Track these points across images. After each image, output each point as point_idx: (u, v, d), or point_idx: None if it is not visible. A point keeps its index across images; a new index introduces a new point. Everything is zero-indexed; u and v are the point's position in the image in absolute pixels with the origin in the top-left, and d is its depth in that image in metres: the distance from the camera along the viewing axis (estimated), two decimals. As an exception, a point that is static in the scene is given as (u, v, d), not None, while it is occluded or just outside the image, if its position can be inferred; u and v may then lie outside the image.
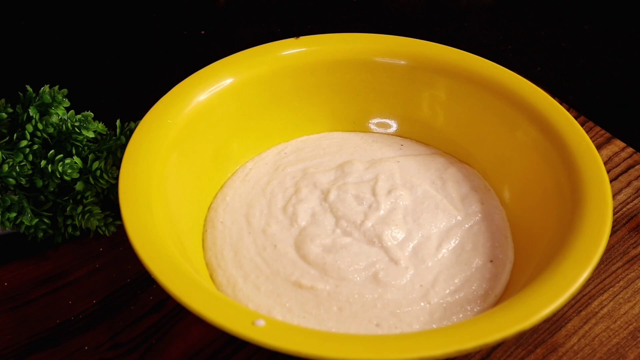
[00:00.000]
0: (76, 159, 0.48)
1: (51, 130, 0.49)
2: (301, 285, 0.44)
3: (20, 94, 0.50)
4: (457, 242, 0.47)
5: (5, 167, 0.47)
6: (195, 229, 0.48)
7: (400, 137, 0.56)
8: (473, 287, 0.45)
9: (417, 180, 0.51)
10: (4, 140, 0.48)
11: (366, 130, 0.56)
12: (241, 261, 0.46)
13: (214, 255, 0.46)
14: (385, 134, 0.56)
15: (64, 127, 0.49)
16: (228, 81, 0.52)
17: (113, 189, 0.51)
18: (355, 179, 0.51)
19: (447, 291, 0.44)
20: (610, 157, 0.57)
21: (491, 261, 0.46)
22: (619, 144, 0.58)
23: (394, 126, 0.56)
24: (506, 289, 0.45)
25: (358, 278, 0.44)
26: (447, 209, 0.49)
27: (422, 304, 0.43)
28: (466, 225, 0.48)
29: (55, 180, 0.48)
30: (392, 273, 0.45)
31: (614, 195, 0.54)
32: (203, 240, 0.48)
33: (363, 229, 0.47)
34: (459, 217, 0.48)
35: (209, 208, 0.50)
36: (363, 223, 0.47)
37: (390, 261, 0.45)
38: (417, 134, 0.55)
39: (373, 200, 0.49)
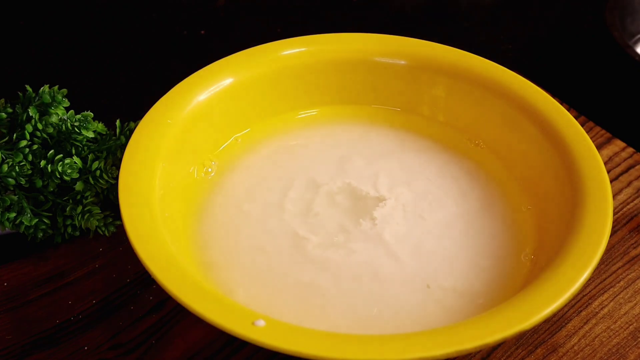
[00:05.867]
0: (76, 159, 0.48)
1: (51, 130, 0.49)
2: (301, 284, 0.44)
3: (20, 94, 0.50)
4: (458, 239, 0.47)
5: (5, 167, 0.47)
6: (194, 228, 0.48)
7: (401, 133, 0.56)
8: (474, 285, 0.44)
9: (418, 176, 0.51)
10: (3, 140, 0.48)
11: (366, 131, 0.56)
12: (240, 259, 0.46)
13: (213, 254, 0.46)
14: (385, 130, 0.56)
15: (63, 127, 0.49)
16: (228, 81, 0.52)
17: (113, 189, 0.50)
18: (355, 175, 0.51)
19: (448, 289, 0.44)
20: (610, 157, 0.57)
21: (492, 258, 0.46)
22: (619, 144, 0.58)
23: (394, 126, 0.56)
24: (507, 287, 0.45)
25: (358, 276, 0.44)
26: (448, 205, 0.49)
27: (424, 301, 0.43)
28: (467, 222, 0.48)
29: (55, 180, 0.48)
30: (393, 271, 0.45)
31: (615, 195, 0.54)
32: (202, 239, 0.48)
33: (363, 226, 0.47)
34: (460, 214, 0.48)
35: (208, 205, 0.50)
36: (363, 220, 0.47)
37: (391, 259, 0.45)
38: (418, 132, 0.55)
39: (373, 196, 0.49)
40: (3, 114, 0.49)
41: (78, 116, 0.49)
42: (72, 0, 0.78)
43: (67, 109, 0.50)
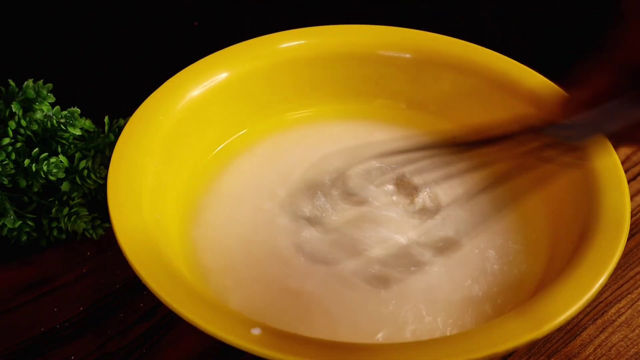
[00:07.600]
0: (62, 157, 0.49)
1: (35, 127, 0.49)
2: (299, 290, 0.44)
3: (2, 89, 0.51)
4: (466, 242, 0.47)
5: (-13, 167, 0.47)
6: (187, 230, 0.48)
7: (406, 130, 0.56)
8: (483, 290, 0.45)
9: (424, 176, 0.51)
10: (-15, 138, 0.49)
11: (369, 129, 0.56)
12: (235, 264, 0.46)
13: (207, 259, 0.46)
14: (390, 127, 0.56)
15: (48, 123, 0.49)
16: (223, 76, 0.52)
17: (101, 189, 0.51)
18: (359, 175, 0.51)
19: (456, 294, 0.44)
20: (628, 156, 0.57)
21: (502, 262, 0.46)
22: (637, 142, 0.58)
23: (399, 123, 0.56)
24: (518, 293, 0.45)
25: (361, 282, 0.45)
26: (455, 206, 0.49)
27: (429, 307, 0.44)
28: (477, 225, 0.48)
29: (40, 181, 0.48)
30: (397, 276, 0.45)
31: (632, 196, 0.54)
32: (195, 243, 0.48)
33: (367, 229, 0.47)
34: (469, 216, 0.49)
35: (201, 208, 0.50)
36: (367, 223, 0.47)
37: (396, 263, 0.45)
38: (424, 129, 0.55)
39: (377, 198, 0.49)
40: (-15, 110, 0.49)
41: (64, 112, 0.50)
42: (58, -9, 0.79)
43: (53, 105, 0.50)
